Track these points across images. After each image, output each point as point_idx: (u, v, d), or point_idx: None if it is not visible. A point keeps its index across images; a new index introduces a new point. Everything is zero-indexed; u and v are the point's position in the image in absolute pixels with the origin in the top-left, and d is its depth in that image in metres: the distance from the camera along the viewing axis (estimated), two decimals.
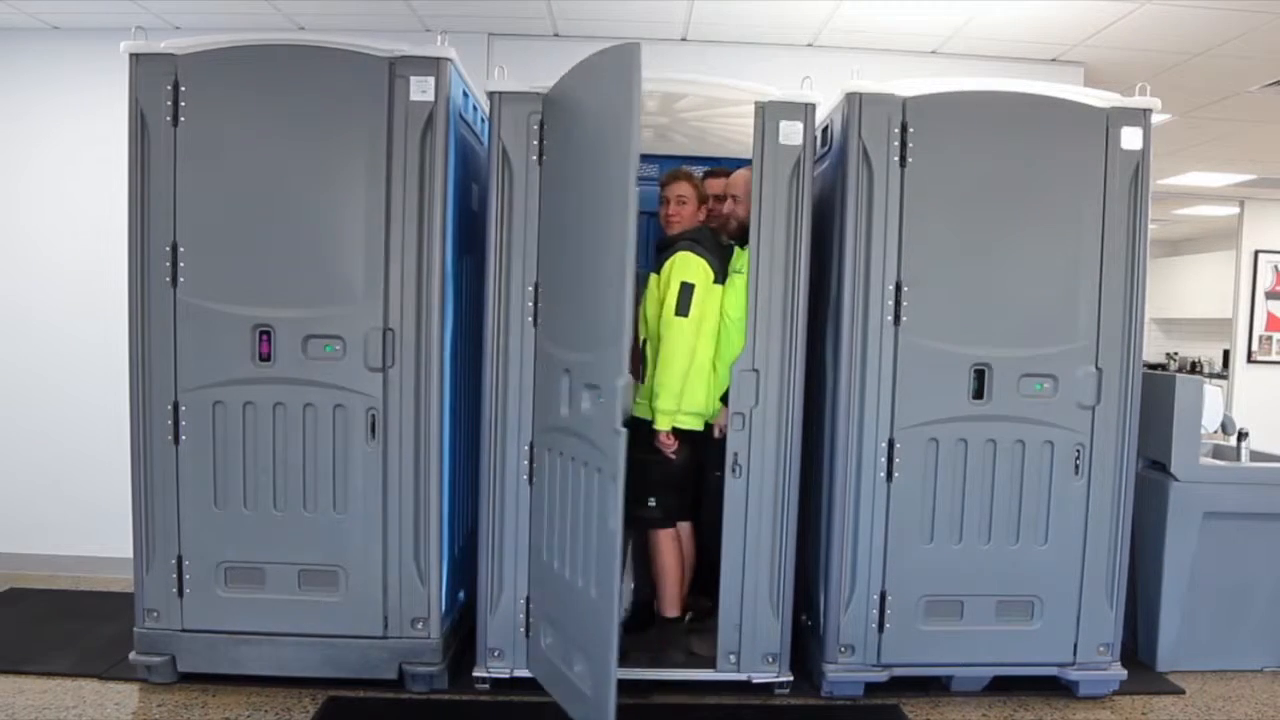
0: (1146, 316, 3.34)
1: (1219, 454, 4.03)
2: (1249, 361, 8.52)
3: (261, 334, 3.13)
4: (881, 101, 3.18)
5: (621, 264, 2.68)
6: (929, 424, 3.23)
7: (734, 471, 3.23)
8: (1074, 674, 3.36)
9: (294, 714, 3.10)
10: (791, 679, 3.31)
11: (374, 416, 3.16)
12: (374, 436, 3.16)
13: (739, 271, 3.34)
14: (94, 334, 4.36)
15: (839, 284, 3.24)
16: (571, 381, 2.99)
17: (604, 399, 2.74)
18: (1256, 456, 3.94)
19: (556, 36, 4.56)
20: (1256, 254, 8.49)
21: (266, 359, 3.14)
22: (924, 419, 3.23)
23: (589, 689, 2.82)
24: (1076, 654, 3.34)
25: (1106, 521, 3.29)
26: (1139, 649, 3.76)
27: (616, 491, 2.69)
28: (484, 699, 3.25)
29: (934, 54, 4.64)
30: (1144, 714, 3.34)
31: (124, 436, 3.18)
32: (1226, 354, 8.91)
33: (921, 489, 3.25)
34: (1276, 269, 8.50)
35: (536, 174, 3.16)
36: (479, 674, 3.29)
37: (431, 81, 3.09)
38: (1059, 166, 3.23)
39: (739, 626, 3.26)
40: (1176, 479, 3.60)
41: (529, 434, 3.21)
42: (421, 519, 3.19)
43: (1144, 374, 3.35)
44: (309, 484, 3.18)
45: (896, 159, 3.17)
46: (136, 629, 3.24)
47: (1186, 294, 10.71)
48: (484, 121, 3.46)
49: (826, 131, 3.53)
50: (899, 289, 3.19)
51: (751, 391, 3.21)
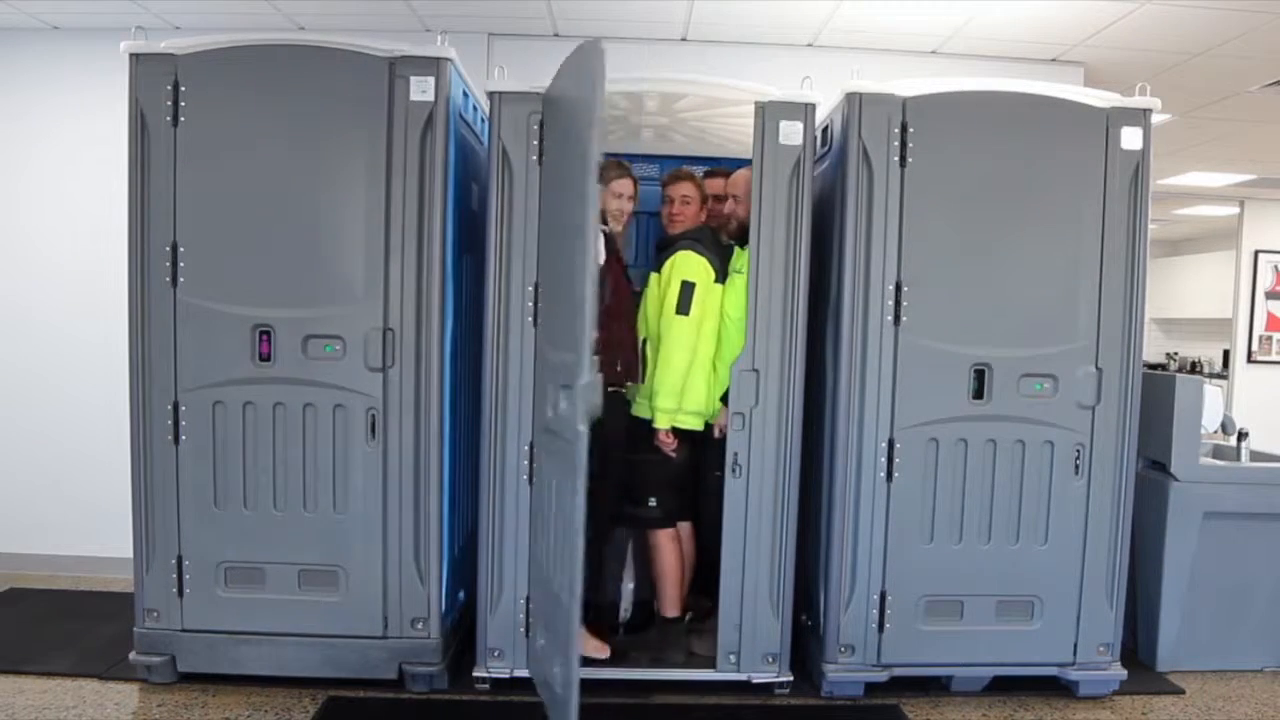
0: (1146, 316, 3.34)
1: (1219, 454, 4.03)
2: (1249, 361, 8.51)
3: (261, 334, 3.13)
4: (881, 101, 3.18)
5: (583, 262, 2.62)
6: (929, 424, 3.23)
7: (734, 471, 3.23)
8: (1074, 674, 3.36)
9: (294, 714, 3.10)
10: (791, 679, 3.32)
11: (374, 416, 3.16)
12: (374, 436, 3.16)
13: (739, 271, 3.34)
14: (94, 334, 4.36)
15: (839, 284, 3.24)
16: (552, 381, 2.99)
17: (569, 398, 2.74)
18: (1256, 456, 3.95)
19: (556, 36, 4.56)
20: (1256, 254, 8.49)
21: (266, 359, 3.14)
22: (924, 419, 3.23)
23: (559, 688, 2.80)
24: (1076, 654, 3.34)
25: (1106, 521, 3.29)
26: (1139, 649, 3.76)
27: (575, 491, 2.66)
28: (484, 699, 3.26)
29: (934, 54, 4.64)
30: (1144, 714, 3.34)
31: (124, 436, 3.18)
32: (1226, 354, 8.91)
33: (921, 489, 3.25)
34: (1276, 269, 8.50)
35: (536, 174, 3.15)
36: (479, 674, 3.29)
37: (431, 81, 3.09)
38: (1059, 166, 3.23)
39: (739, 626, 3.27)
40: (1176, 479, 3.60)
41: (529, 434, 3.21)
42: (421, 519, 3.19)
43: (1144, 374, 3.35)
44: (309, 484, 3.18)
45: (896, 159, 3.17)
46: (136, 629, 3.25)
47: (1186, 294, 10.71)
48: (484, 121, 3.45)
49: (826, 131, 3.53)
50: (899, 289, 3.19)
51: (751, 391, 3.21)
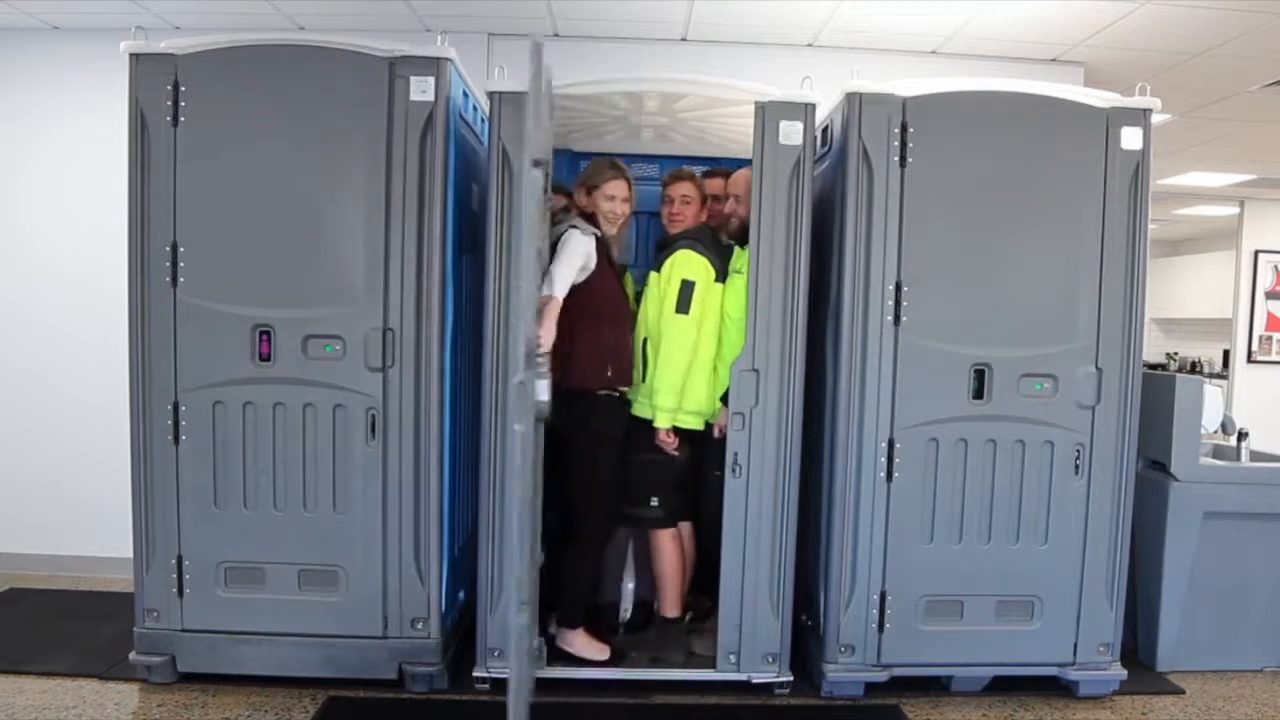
0: (1146, 316, 3.34)
1: (1219, 454, 4.03)
2: (1249, 361, 8.51)
3: (261, 334, 3.13)
4: (881, 101, 3.18)
5: (531, 261, 2.62)
6: (929, 424, 3.23)
7: (734, 471, 3.23)
8: (1074, 674, 3.36)
9: (294, 714, 3.10)
10: (791, 679, 3.31)
11: (374, 416, 3.15)
12: (374, 436, 3.16)
13: (739, 271, 3.33)
14: (94, 334, 4.36)
15: (839, 284, 3.24)
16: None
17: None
18: (1256, 456, 3.94)
19: (556, 36, 4.56)
20: (1256, 254, 8.48)
21: (266, 359, 3.14)
22: (924, 419, 3.23)
23: (511, 691, 2.77)
24: (1076, 654, 3.34)
25: (1106, 521, 3.29)
26: (1139, 649, 3.76)
27: (511, 491, 2.66)
28: (484, 699, 3.25)
29: (934, 54, 4.64)
30: (1144, 714, 3.34)
31: (124, 436, 3.18)
32: (1226, 354, 8.91)
33: (921, 489, 3.25)
34: (1276, 269, 8.49)
35: None
36: (479, 674, 3.29)
37: (431, 81, 3.09)
38: (1059, 166, 3.23)
39: (739, 626, 3.26)
40: (1176, 479, 3.60)
41: None
42: (421, 519, 3.19)
43: (1144, 374, 3.35)
44: (309, 484, 3.18)
45: (896, 159, 3.17)
46: (136, 629, 3.25)
47: (1186, 294, 10.71)
48: (484, 121, 3.45)
49: (826, 131, 3.52)
50: (899, 289, 3.19)
51: (751, 391, 3.21)
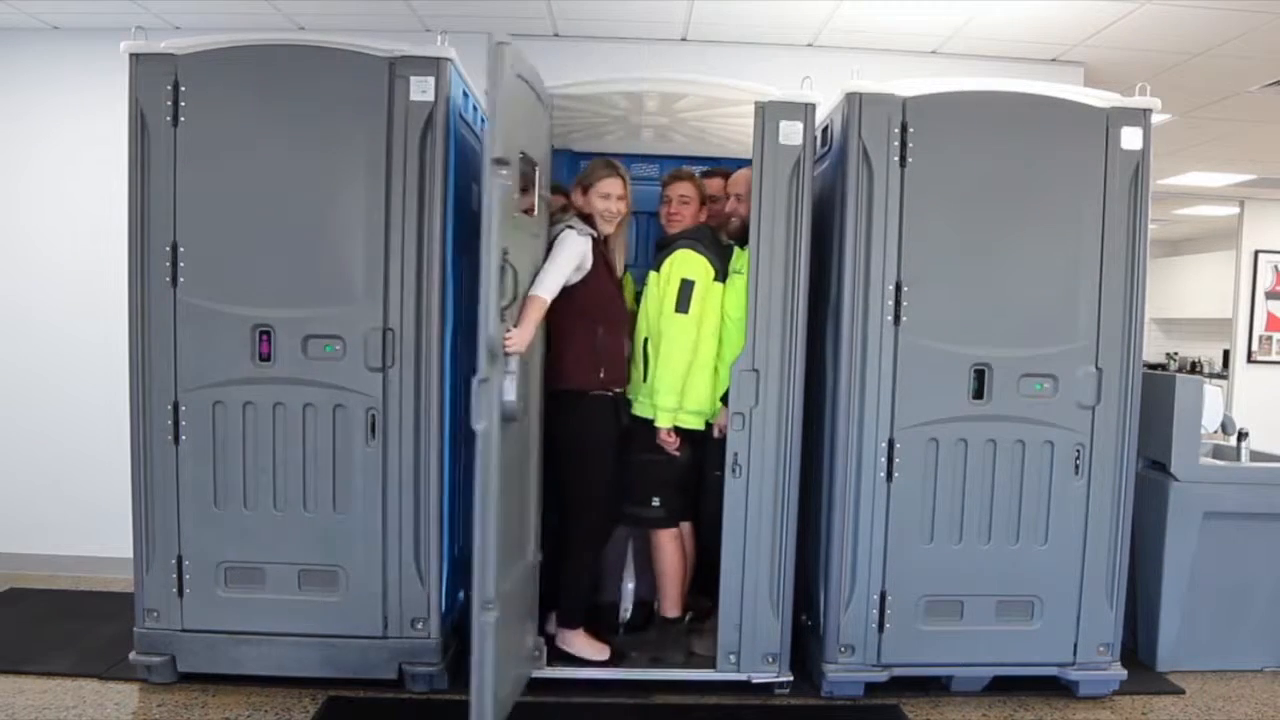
0: (1146, 316, 3.34)
1: (1219, 454, 4.03)
2: (1249, 361, 8.51)
3: (261, 334, 3.13)
4: (881, 101, 3.18)
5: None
6: (929, 424, 3.23)
7: (734, 471, 3.22)
8: (1074, 674, 3.36)
9: (294, 714, 3.10)
10: (791, 679, 3.31)
11: (374, 416, 3.15)
12: (374, 436, 3.16)
13: (739, 272, 3.33)
14: (94, 334, 4.36)
15: (839, 284, 3.24)
16: None
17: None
18: (1256, 456, 3.94)
19: (556, 36, 4.56)
20: (1256, 254, 8.48)
21: (266, 359, 3.14)
22: (924, 419, 3.23)
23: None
24: (1076, 654, 3.34)
25: (1106, 521, 3.29)
26: (1139, 649, 3.76)
27: (475, 489, 2.67)
28: None
29: (934, 54, 4.64)
30: (1144, 714, 3.34)
31: (124, 436, 3.18)
32: (1226, 354, 8.91)
33: (921, 489, 3.25)
34: (1276, 269, 8.49)
35: None
36: None
37: (431, 81, 3.09)
38: (1059, 166, 3.23)
39: (739, 626, 3.26)
40: (1176, 479, 3.60)
41: None
42: (422, 519, 3.18)
43: (1144, 374, 3.34)
44: (309, 484, 3.18)
45: (896, 159, 3.17)
46: (136, 629, 3.25)
47: (1186, 294, 10.71)
48: (484, 121, 3.45)
49: (826, 131, 3.52)
50: (899, 289, 3.19)
51: (751, 391, 3.21)
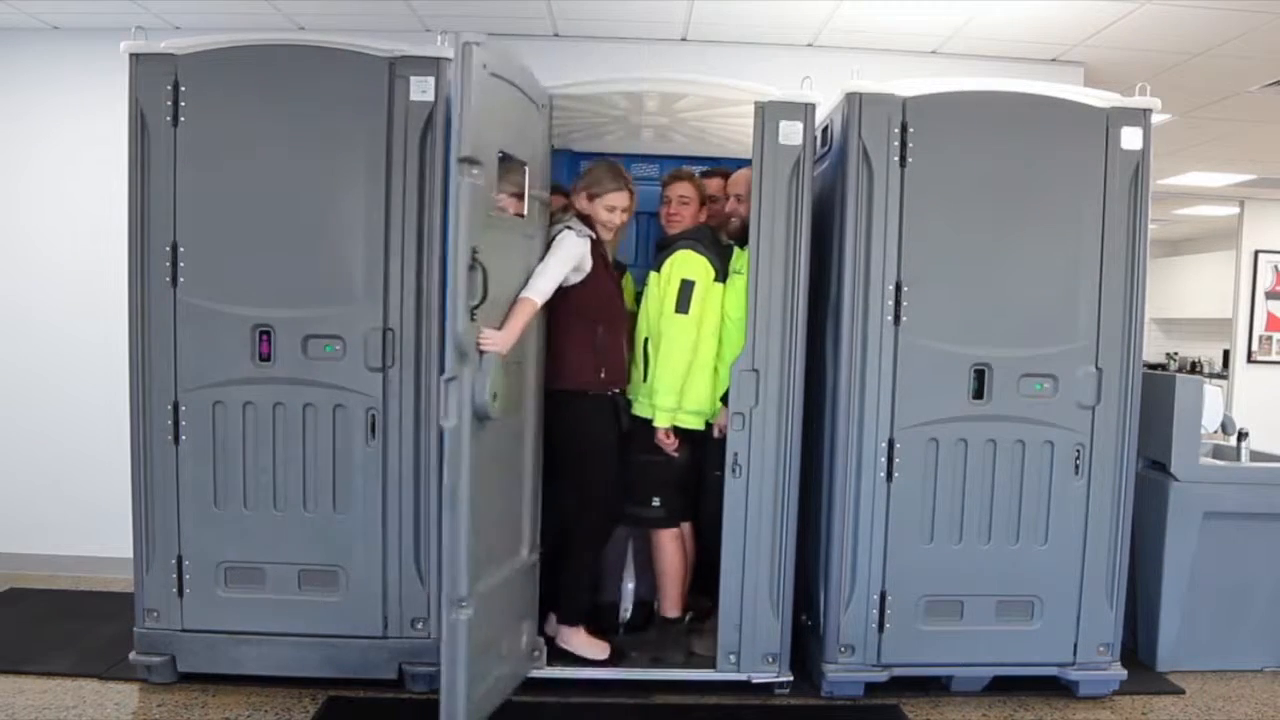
0: (1146, 316, 3.34)
1: (1219, 454, 4.03)
2: (1249, 361, 8.51)
3: (261, 334, 3.13)
4: (881, 101, 3.18)
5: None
6: (929, 424, 3.23)
7: (734, 471, 3.22)
8: (1074, 674, 3.36)
9: (294, 714, 3.10)
10: (791, 679, 3.31)
11: (374, 416, 3.16)
12: (374, 436, 3.16)
13: (739, 272, 3.33)
14: (94, 334, 4.36)
15: (839, 284, 3.24)
16: None
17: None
18: (1256, 456, 3.94)
19: (556, 36, 4.56)
20: (1256, 254, 8.48)
21: (266, 359, 3.14)
22: (924, 419, 3.23)
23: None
24: (1076, 654, 3.34)
25: (1106, 521, 3.29)
26: (1139, 649, 3.76)
27: (446, 486, 2.69)
28: None
29: (934, 54, 4.64)
30: (1144, 714, 3.34)
31: (124, 436, 3.18)
32: (1226, 354, 8.91)
33: (921, 489, 3.25)
34: (1276, 269, 8.49)
35: None
36: None
37: (431, 81, 3.09)
38: (1059, 166, 3.23)
39: (739, 626, 3.26)
40: (1176, 479, 3.60)
41: None
42: (421, 519, 3.19)
43: (1144, 374, 3.35)
44: (309, 484, 3.18)
45: (896, 159, 3.17)
46: (136, 629, 3.25)
47: (1186, 294, 10.70)
48: None
49: (826, 131, 3.52)
50: (899, 289, 3.19)
51: (751, 391, 3.21)
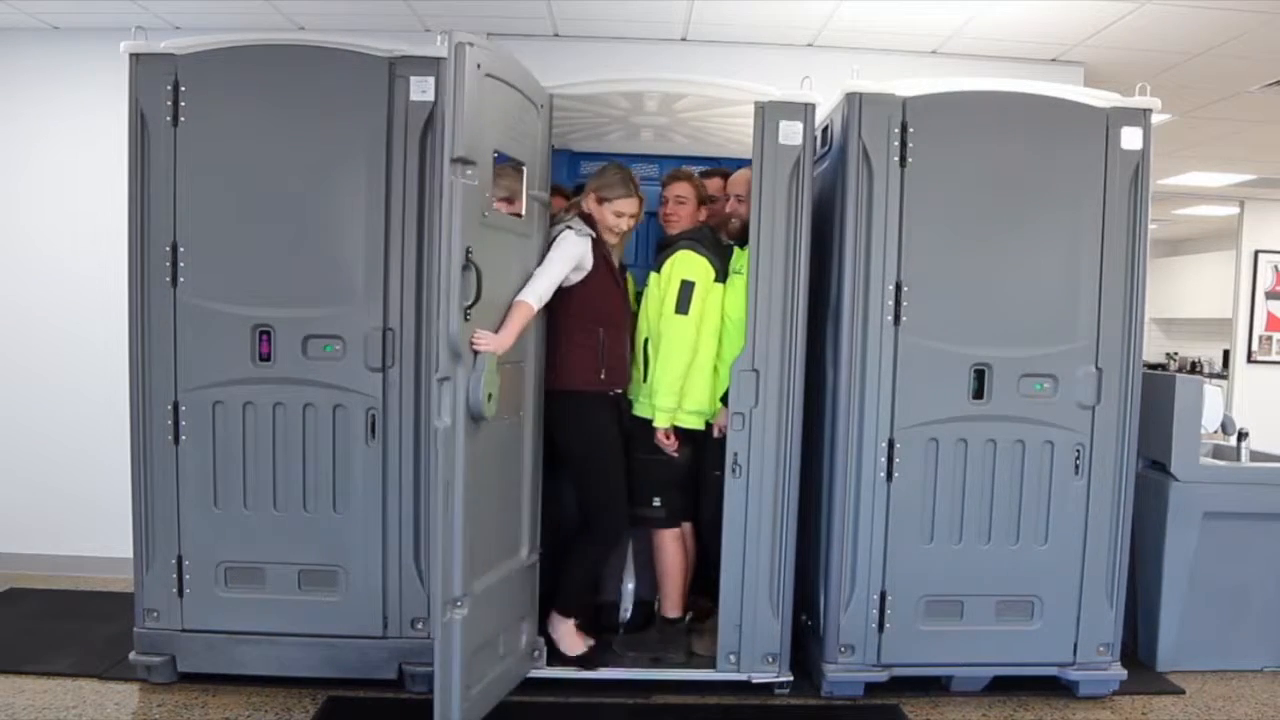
0: (1146, 316, 3.34)
1: (1219, 454, 4.03)
2: (1249, 361, 8.50)
3: (261, 334, 3.13)
4: (881, 101, 3.18)
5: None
6: (929, 424, 3.23)
7: (734, 471, 3.22)
8: (1074, 674, 3.36)
9: (294, 714, 3.10)
10: (791, 679, 3.31)
11: (374, 416, 3.16)
12: (374, 436, 3.16)
13: (739, 272, 3.33)
14: (94, 334, 4.36)
15: (839, 284, 3.24)
16: None
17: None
18: (1256, 456, 3.94)
19: (556, 36, 4.56)
20: (1256, 254, 8.47)
21: (266, 359, 3.14)
22: (924, 419, 3.23)
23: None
24: (1076, 654, 3.34)
25: (1106, 521, 3.29)
26: (1139, 649, 3.76)
27: (437, 486, 2.69)
28: None
29: (934, 54, 4.64)
30: (1144, 714, 3.34)
31: (124, 436, 3.19)
32: (1226, 354, 8.90)
33: (921, 489, 3.25)
34: (1276, 269, 8.49)
35: None
36: None
37: (431, 81, 3.09)
38: (1059, 166, 3.23)
39: (739, 626, 3.26)
40: (1176, 479, 3.60)
41: None
42: (422, 519, 3.18)
43: (1144, 374, 3.35)
44: (309, 484, 3.18)
45: (896, 159, 3.17)
46: (136, 629, 3.25)
47: (1186, 294, 10.70)
48: None
49: (826, 131, 3.52)
50: (899, 289, 3.19)
51: (751, 391, 3.21)
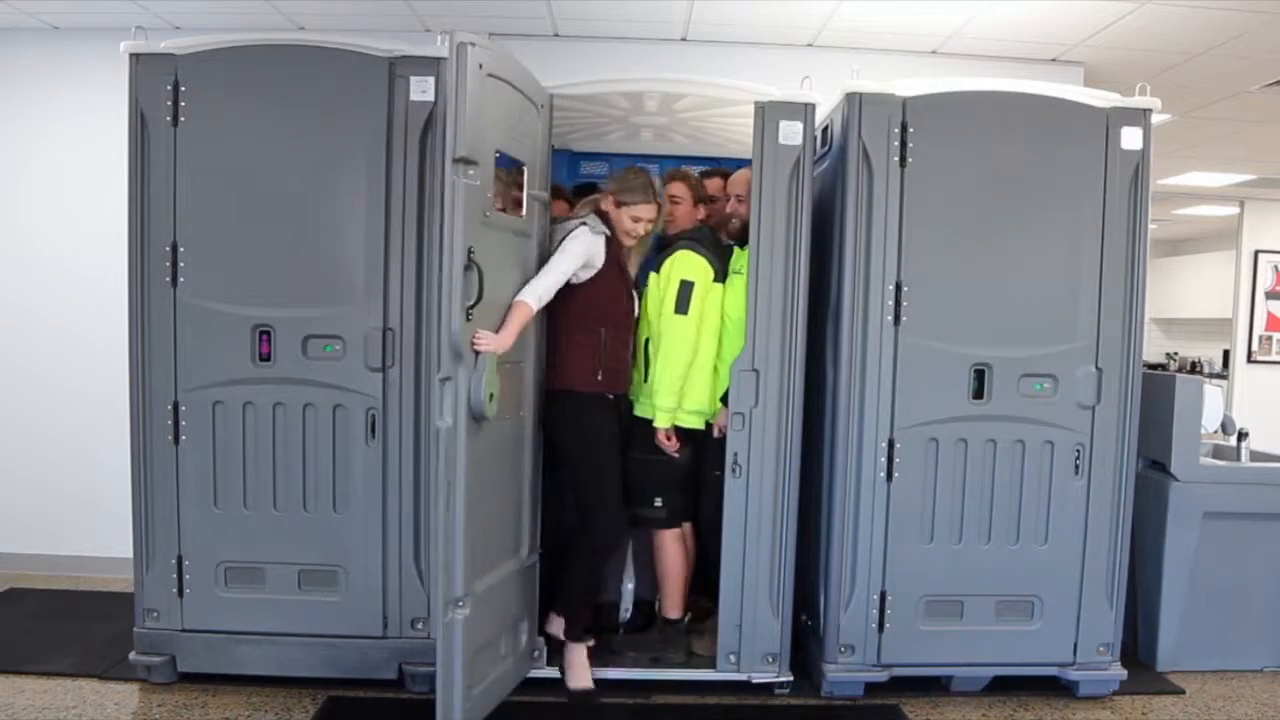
0: (1146, 316, 3.34)
1: (1219, 454, 4.03)
2: (1249, 361, 8.50)
3: (261, 334, 3.13)
4: (881, 101, 3.18)
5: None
6: (929, 424, 3.23)
7: (734, 471, 3.22)
8: (1074, 674, 3.36)
9: (294, 714, 3.10)
10: (791, 679, 3.31)
11: (374, 416, 3.16)
12: (374, 436, 3.16)
13: (739, 272, 3.33)
14: (94, 334, 4.36)
15: (839, 284, 3.24)
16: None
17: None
18: (1256, 456, 3.94)
19: (556, 36, 4.56)
20: (1256, 254, 8.47)
21: (266, 359, 3.14)
22: (924, 419, 3.23)
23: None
24: (1076, 654, 3.34)
25: (1106, 521, 3.29)
26: (1139, 649, 3.76)
27: (438, 487, 2.69)
28: None
29: (934, 54, 4.64)
30: (1144, 714, 3.34)
31: (124, 436, 3.19)
32: (1226, 354, 8.90)
33: (921, 489, 3.25)
34: (1276, 269, 8.49)
35: None
36: None
37: (431, 81, 3.10)
38: (1059, 166, 3.23)
39: (739, 626, 3.26)
40: (1176, 479, 3.60)
41: None
42: (422, 519, 3.19)
43: (1144, 374, 3.35)
44: (309, 484, 3.18)
45: (896, 159, 3.17)
46: (136, 629, 3.25)
47: (1186, 294, 10.70)
48: None
49: (826, 131, 3.52)
50: (899, 289, 3.19)
51: (751, 391, 3.21)
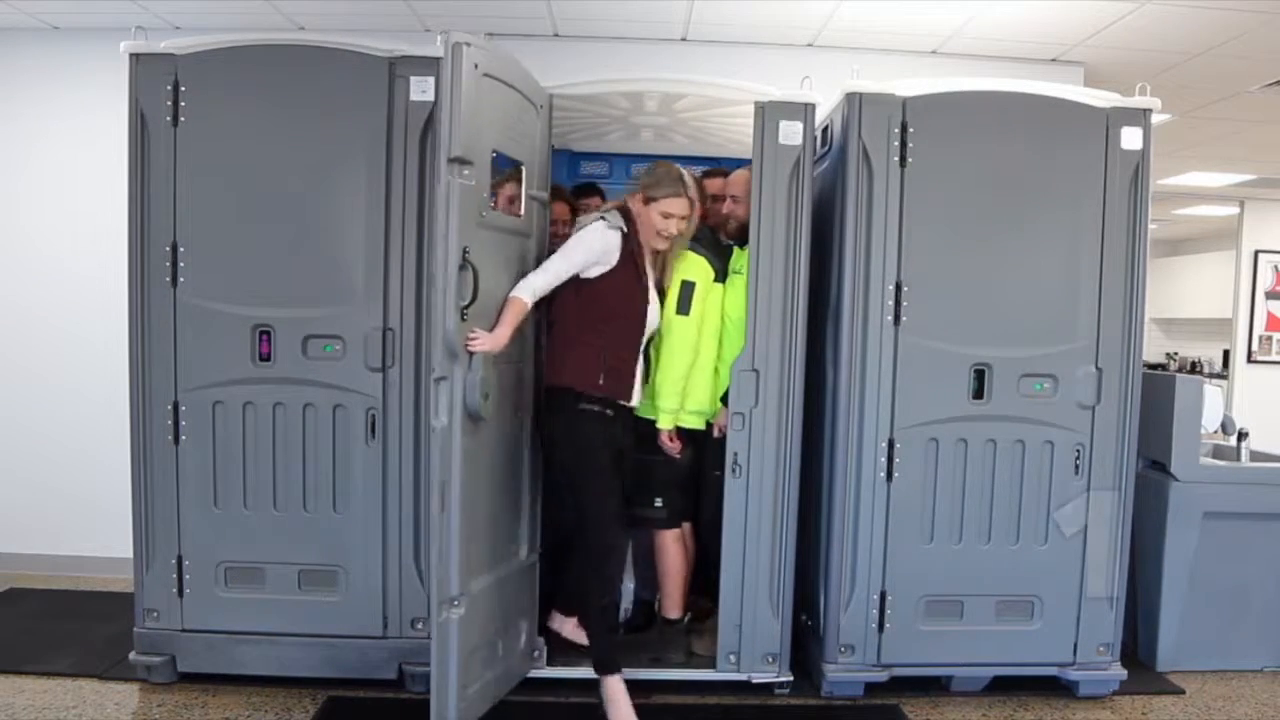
0: (1146, 316, 3.34)
1: (1219, 454, 4.03)
2: (1249, 361, 8.50)
3: (261, 334, 3.13)
4: (881, 101, 3.18)
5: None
6: (929, 424, 3.23)
7: (734, 471, 3.22)
8: (1074, 674, 3.36)
9: (294, 714, 3.10)
10: (791, 679, 3.31)
11: (374, 416, 3.16)
12: (374, 436, 3.16)
13: (739, 272, 3.33)
14: (94, 334, 4.36)
15: (839, 284, 3.24)
16: None
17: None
18: (1256, 456, 3.94)
19: (556, 36, 4.56)
20: (1256, 254, 8.48)
21: (266, 359, 3.14)
22: (924, 419, 3.23)
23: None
24: (1076, 654, 3.34)
25: (1106, 522, 3.29)
26: (1139, 649, 3.76)
27: (433, 486, 2.70)
28: None
29: (934, 54, 4.64)
30: (1144, 714, 3.34)
31: (124, 436, 3.19)
32: (1226, 354, 8.91)
33: (921, 489, 3.25)
34: (1276, 269, 8.49)
35: None
36: None
37: (431, 81, 3.09)
38: (1059, 166, 3.23)
39: (739, 626, 3.26)
40: (1176, 479, 3.60)
41: None
42: (421, 519, 3.18)
43: (1144, 374, 3.35)
44: (309, 484, 3.18)
45: (896, 159, 3.17)
46: (136, 629, 3.25)
47: (1186, 294, 10.71)
48: None
49: (826, 131, 3.52)
50: (899, 289, 3.19)
51: (751, 391, 3.21)
